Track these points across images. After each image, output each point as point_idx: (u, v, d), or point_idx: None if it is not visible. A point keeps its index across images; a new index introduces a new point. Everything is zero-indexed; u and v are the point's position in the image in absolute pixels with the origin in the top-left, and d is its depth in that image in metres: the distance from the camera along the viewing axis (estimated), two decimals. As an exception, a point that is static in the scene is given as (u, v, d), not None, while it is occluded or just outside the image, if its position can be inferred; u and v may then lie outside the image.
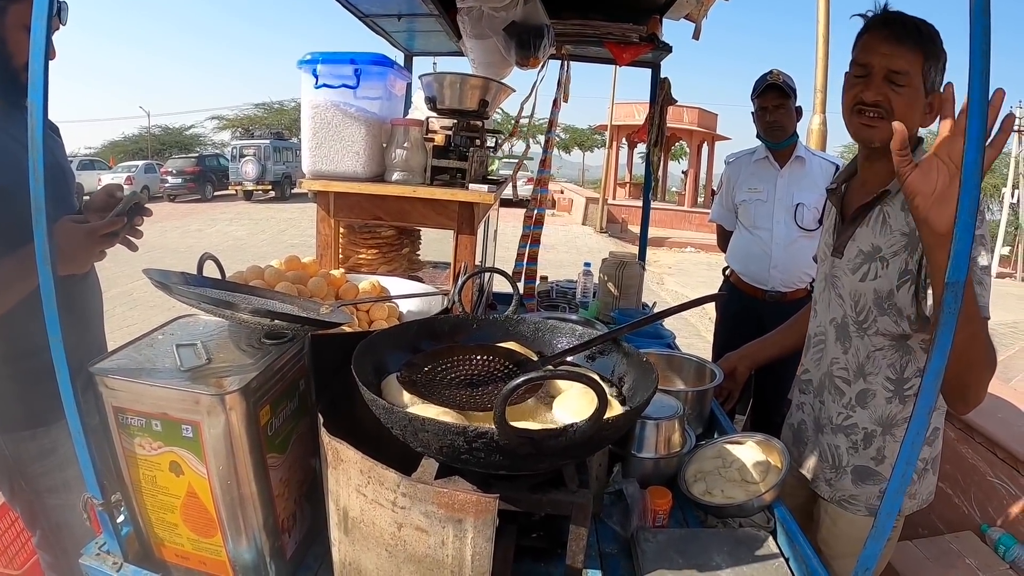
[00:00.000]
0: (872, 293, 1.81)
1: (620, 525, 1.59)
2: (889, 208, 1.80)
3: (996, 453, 3.27)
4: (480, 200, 2.27)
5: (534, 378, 0.94)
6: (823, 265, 2.04)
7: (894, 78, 1.70)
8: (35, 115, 1.12)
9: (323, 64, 2.26)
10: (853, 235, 1.88)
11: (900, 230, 1.76)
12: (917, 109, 1.72)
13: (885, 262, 1.78)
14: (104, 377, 1.19)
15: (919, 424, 1.05)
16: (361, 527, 1.10)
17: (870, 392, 1.89)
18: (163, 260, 12.27)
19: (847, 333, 1.91)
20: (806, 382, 2.12)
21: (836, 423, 1.97)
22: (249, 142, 30.02)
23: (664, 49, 3.52)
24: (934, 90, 1.73)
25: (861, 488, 1.96)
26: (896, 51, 1.69)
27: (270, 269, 1.87)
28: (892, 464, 1.79)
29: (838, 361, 1.95)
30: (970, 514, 3.35)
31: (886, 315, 1.80)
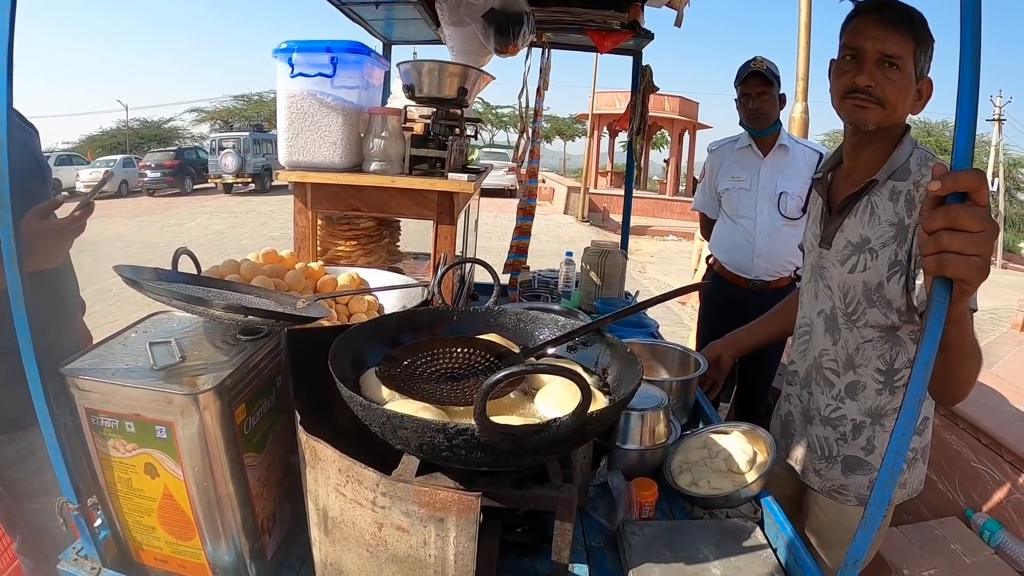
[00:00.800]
0: (861, 285, 1.79)
1: (606, 518, 1.58)
2: (877, 198, 1.78)
3: (980, 439, 3.29)
4: (460, 189, 2.23)
5: (514, 373, 0.91)
6: (810, 256, 2.01)
7: (888, 62, 1.67)
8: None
9: (299, 53, 2.21)
10: (841, 226, 1.86)
11: (888, 221, 1.73)
12: (908, 95, 1.71)
13: (874, 253, 1.76)
14: (75, 378, 1.16)
15: (909, 414, 1.03)
16: (341, 527, 1.08)
17: (860, 384, 1.88)
18: (142, 255, 12.19)
19: (836, 325, 1.89)
20: (792, 373, 2.11)
21: (824, 415, 1.96)
22: (228, 134, 29.85)
23: (646, 36, 3.50)
24: (923, 76, 1.71)
25: (851, 478, 1.95)
26: (889, 36, 1.66)
27: (246, 263, 1.84)
28: (882, 454, 1.78)
29: (827, 353, 1.93)
30: (955, 500, 3.37)
31: (875, 307, 1.78)
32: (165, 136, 45.47)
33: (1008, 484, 3.13)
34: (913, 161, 1.75)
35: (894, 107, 1.69)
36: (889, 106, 1.69)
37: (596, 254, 3.42)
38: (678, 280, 12.08)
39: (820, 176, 1.99)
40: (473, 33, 2.69)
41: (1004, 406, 3.58)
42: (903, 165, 1.75)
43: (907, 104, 1.72)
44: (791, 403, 2.11)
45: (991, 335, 9.15)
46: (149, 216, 19.87)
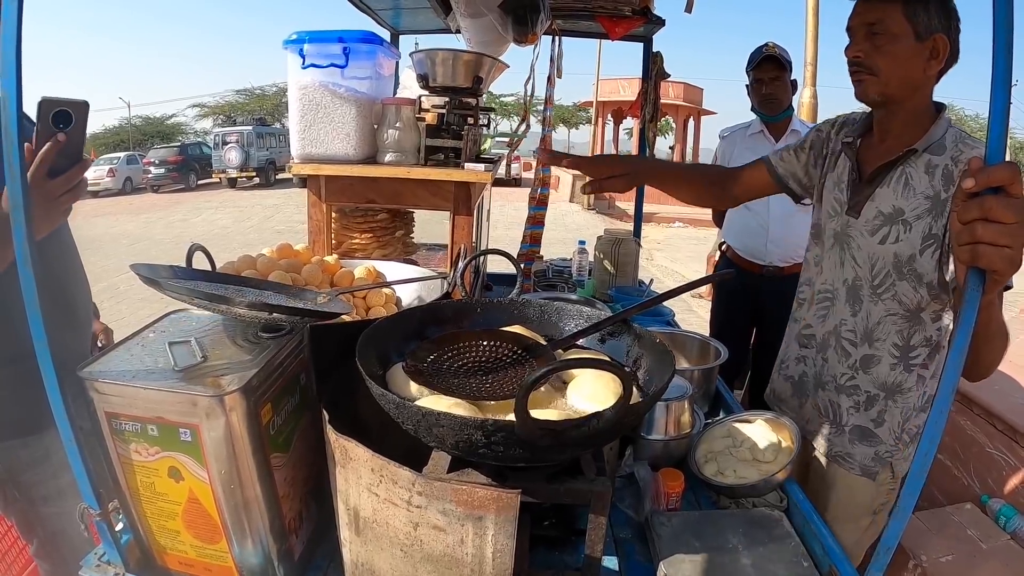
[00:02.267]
0: (892, 257, 1.78)
1: (633, 509, 1.57)
2: (912, 169, 1.76)
3: (995, 425, 3.28)
4: (476, 179, 2.21)
5: (557, 368, 0.89)
6: (832, 221, 1.97)
7: (872, 31, 1.70)
8: (8, 108, 1.06)
9: (310, 43, 2.19)
10: (872, 195, 1.83)
11: (924, 193, 1.72)
12: (910, 56, 1.69)
13: (908, 225, 1.74)
14: (94, 381, 1.13)
15: (943, 403, 1.02)
16: (374, 527, 1.05)
17: (875, 358, 1.88)
18: (148, 252, 12.18)
19: (858, 296, 1.88)
20: (808, 336, 2.08)
21: (840, 383, 1.96)
22: (231, 129, 29.87)
23: (657, 23, 3.47)
24: (932, 32, 1.67)
25: (857, 447, 1.95)
26: (868, 5, 1.71)
27: (262, 258, 1.82)
28: (891, 428, 1.86)
29: (846, 323, 1.92)
30: (970, 485, 3.36)
31: (905, 280, 1.77)
32: (168, 132, 45.58)
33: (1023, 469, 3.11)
34: (948, 138, 1.74)
35: (888, 74, 1.70)
36: (883, 74, 1.71)
37: (609, 242, 3.40)
38: (686, 267, 12.06)
39: (850, 140, 1.94)
40: (490, 24, 2.66)
41: (1018, 391, 3.56)
42: (939, 140, 1.74)
43: (910, 67, 1.70)
44: (806, 364, 2.10)
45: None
46: (154, 213, 19.89)
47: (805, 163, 2.11)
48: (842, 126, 2.04)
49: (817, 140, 2.09)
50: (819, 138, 2.09)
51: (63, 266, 2.03)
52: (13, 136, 1.06)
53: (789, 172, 2.16)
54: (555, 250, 4.91)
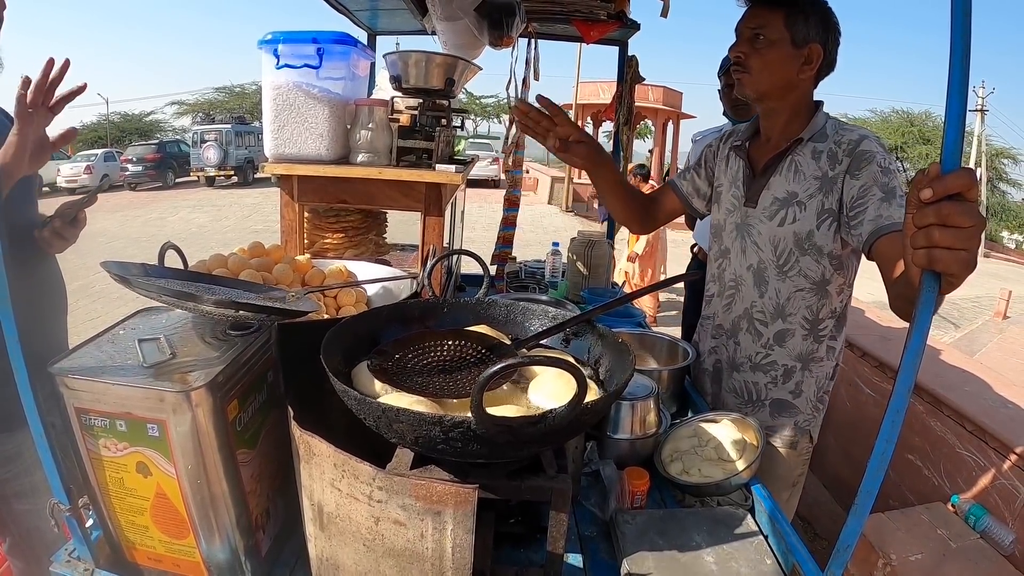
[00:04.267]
0: (792, 236, 1.94)
1: (598, 507, 1.58)
2: (800, 157, 1.93)
3: (964, 426, 3.33)
4: (448, 181, 2.23)
5: (511, 365, 0.91)
6: (732, 216, 2.12)
7: (754, 34, 1.87)
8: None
9: (284, 44, 2.20)
10: (767, 184, 1.99)
11: (813, 175, 1.90)
12: (785, 60, 1.86)
13: (802, 205, 1.91)
14: (64, 377, 1.14)
15: (899, 403, 1.03)
16: (337, 522, 1.07)
17: (789, 332, 2.02)
18: (125, 250, 12.08)
19: (763, 277, 2.02)
20: (716, 327, 2.23)
21: (755, 362, 2.09)
22: (210, 127, 29.59)
23: (632, 27, 3.50)
24: (809, 41, 1.85)
25: (778, 419, 2.09)
26: (754, 12, 1.89)
27: (233, 257, 1.83)
28: (808, 398, 2.01)
29: (756, 304, 2.06)
30: (940, 485, 3.41)
31: (807, 255, 1.93)
32: (146, 129, 45.02)
33: (992, 470, 3.17)
34: (829, 127, 1.93)
35: (759, 73, 1.89)
36: (755, 73, 1.89)
37: (583, 244, 3.42)
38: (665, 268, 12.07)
39: (740, 143, 2.12)
40: (466, 27, 2.68)
41: (988, 393, 3.63)
42: (821, 129, 1.92)
43: (784, 69, 1.87)
44: (718, 353, 2.22)
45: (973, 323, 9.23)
46: (131, 210, 19.71)
47: (705, 176, 2.29)
48: (728, 136, 2.24)
49: (709, 154, 2.28)
50: (710, 152, 2.28)
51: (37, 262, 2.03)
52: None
53: (692, 190, 2.33)
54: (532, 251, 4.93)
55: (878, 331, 4.65)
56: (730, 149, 2.18)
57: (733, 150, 2.16)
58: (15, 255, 1.12)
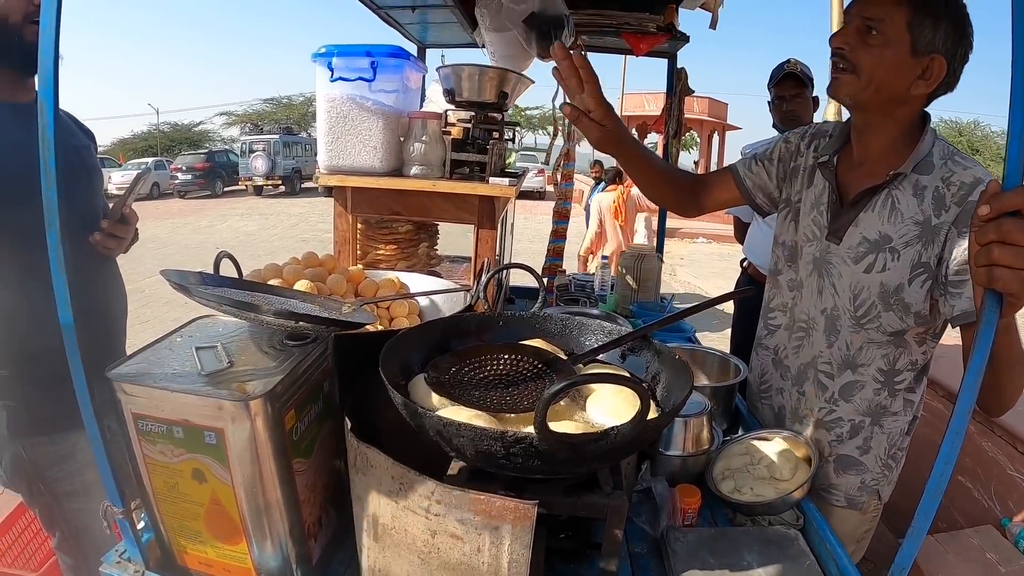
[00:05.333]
0: (878, 287, 1.68)
1: (649, 524, 1.56)
2: (899, 192, 1.65)
3: (1016, 447, 3.26)
4: (501, 194, 2.24)
5: (576, 382, 0.90)
6: (810, 246, 1.85)
7: (868, 26, 1.55)
8: (45, 114, 1.08)
9: (339, 57, 2.23)
10: (856, 220, 1.72)
11: (913, 218, 1.62)
12: (898, 68, 1.55)
13: (896, 253, 1.64)
14: (122, 383, 1.16)
15: (959, 424, 1.01)
16: (392, 534, 1.07)
17: (858, 384, 1.80)
18: (174, 256, 12.30)
19: (836, 327, 1.79)
20: (784, 367, 2.00)
21: (818, 417, 1.88)
22: (258, 137, 30.08)
23: (681, 39, 3.49)
24: (932, 52, 1.52)
25: (842, 478, 1.89)
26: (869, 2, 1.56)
27: (288, 267, 1.85)
28: (877, 455, 1.82)
29: (822, 355, 1.84)
30: (990, 508, 3.34)
31: (891, 311, 1.68)
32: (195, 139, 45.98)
33: (1044, 493, 3.08)
34: (936, 154, 1.64)
35: (870, 77, 1.57)
36: (864, 76, 1.57)
37: (632, 258, 3.40)
38: (708, 283, 12.00)
39: (825, 159, 1.81)
40: (514, 38, 2.69)
41: (1040, 414, 3.53)
42: (926, 158, 1.63)
43: (895, 79, 1.56)
44: (784, 397, 2.01)
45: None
46: (181, 218, 20.06)
47: (776, 176, 1.99)
48: (813, 139, 1.92)
49: (786, 152, 1.97)
50: (787, 150, 1.97)
51: (101, 270, 2.08)
52: (49, 142, 1.08)
53: (757, 185, 2.03)
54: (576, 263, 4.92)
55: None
56: (815, 162, 1.86)
57: (820, 167, 1.84)
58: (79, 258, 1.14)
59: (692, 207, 2.13)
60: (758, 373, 2.13)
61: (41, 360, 1.88)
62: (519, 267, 1.68)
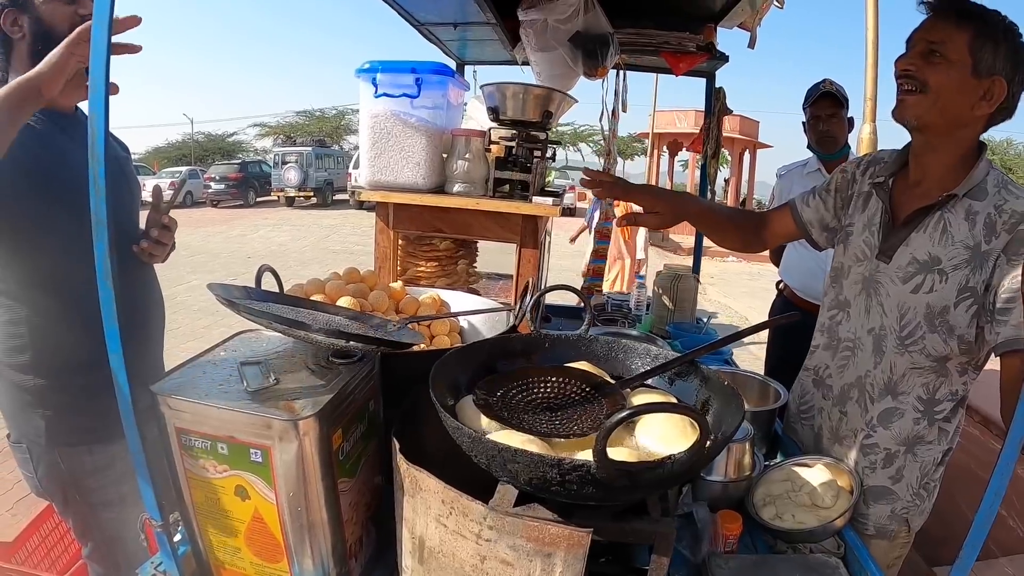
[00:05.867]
0: (924, 307, 1.69)
1: (690, 550, 1.54)
2: (951, 215, 1.67)
3: (1051, 475, 3.18)
4: (544, 213, 2.24)
5: (640, 411, 0.89)
6: (860, 265, 1.87)
7: (932, 49, 1.59)
8: (96, 126, 1.09)
9: (383, 73, 2.24)
10: (907, 240, 1.73)
11: (963, 242, 1.64)
12: (961, 88, 1.59)
13: (944, 275, 1.66)
14: (167, 397, 1.16)
15: (1010, 455, 1.02)
16: (439, 557, 1.06)
17: (897, 412, 1.80)
18: (206, 264, 12.41)
19: (882, 347, 1.79)
20: (827, 387, 1.99)
21: (858, 439, 1.87)
22: (291, 149, 30.45)
23: (720, 59, 3.48)
24: (993, 73, 1.57)
25: (873, 508, 1.87)
26: (936, 23, 1.61)
27: (331, 283, 1.85)
28: (909, 483, 1.81)
29: (869, 375, 1.83)
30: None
31: (936, 332, 1.68)
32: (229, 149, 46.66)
33: (1081, 522, 3.02)
34: (990, 182, 1.67)
35: (938, 94, 1.59)
36: (932, 92, 1.60)
37: (668, 278, 3.38)
38: (739, 302, 11.94)
39: (881, 180, 1.84)
40: (560, 58, 2.70)
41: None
42: (980, 184, 1.66)
43: (962, 100, 1.60)
44: (823, 417, 2.01)
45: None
46: (213, 227, 20.26)
47: (833, 207, 2.01)
48: (869, 165, 1.94)
49: (843, 182, 2.00)
50: (844, 180, 2.00)
51: (141, 280, 2.10)
52: (99, 153, 1.09)
53: (814, 218, 2.06)
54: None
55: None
56: (871, 185, 1.89)
57: (874, 187, 1.87)
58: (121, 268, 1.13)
59: (755, 244, 2.21)
60: (798, 394, 2.14)
61: (82, 370, 1.89)
62: (565, 288, 1.67)
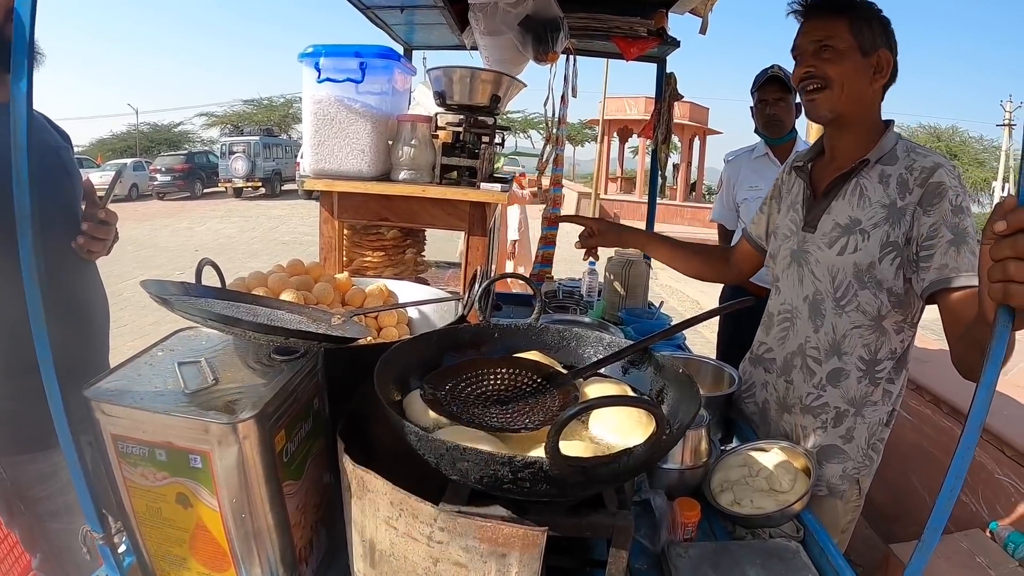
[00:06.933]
0: (852, 266, 1.82)
1: (648, 539, 1.52)
2: (866, 181, 1.82)
3: (1004, 451, 3.27)
4: (492, 199, 2.19)
5: (591, 406, 0.86)
6: (788, 242, 2.02)
7: (821, 46, 1.75)
8: (18, 116, 1.02)
9: (326, 57, 2.17)
10: (828, 208, 1.89)
11: (880, 202, 1.78)
12: (857, 71, 1.75)
13: (865, 234, 1.79)
14: (100, 402, 1.08)
15: (970, 439, 1.01)
16: (391, 560, 1.02)
17: (843, 372, 1.90)
18: (153, 259, 12.17)
19: (820, 311, 1.91)
20: (768, 360, 2.11)
21: (805, 403, 1.97)
22: (239, 139, 30.06)
23: (672, 44, 3.47)
24: (876, 48, 1.75)
25: (825, 467, 1.96)
26: (815, 24, 1.78)
27: (274, 275, 1.79)
28: (859, 444, 1.89)
29: (810, 340, 1.94)
30: (978, 512, 3.35)
31: (867, 288, 1.82)
32: (175, 140, 45.74)
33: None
34: (900, 149, 1.81)
35: (841, 84, 1.75)
36: (835, 84, 1.75)
37: (620, 263, 3.36)
38: (690, 285, 12.00)
39: (801, 164, 2.03)
40: (509, 42, 2.65)
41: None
42: (890, 151, 1.81)
43: (860, 80, 1.77)
44: (767, 391, 2.12)
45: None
46: (160, 220, 19.91)
47: (777, 212, 2.15)
48: (793, 163, 2.11)
49: (776, 189, 2.19)
50: (776, 187, 2.19)
51: (81, 278, 2.01)
52: (22, 143, 1.02)
53: (761, 232, 2.24)
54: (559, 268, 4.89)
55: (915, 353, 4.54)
56: (792, 170, 2.08)
57: (795, 171, 2.06)
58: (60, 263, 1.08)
59: (731, 271, 2.46)
60: (744, 373, 2.26)
61: (19, 375, 1.81)
62: (515, 277, 1.63)
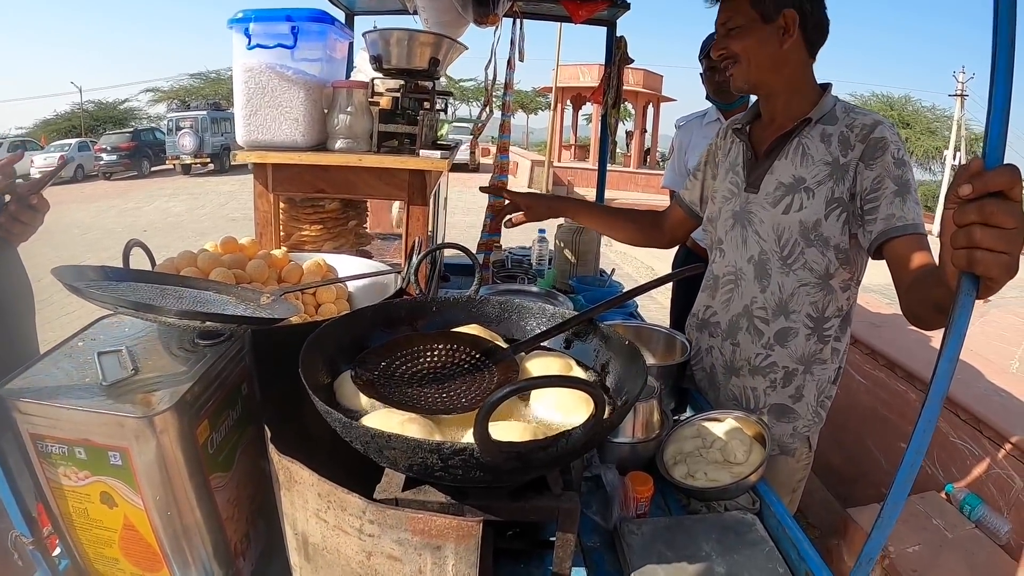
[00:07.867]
0: (798, 225, 1.83)
1: (601, 516, 1.49)
2: (808, 140, 1.83)
3: (958, 415, 3.34)
4: (432, 167, 2.12)
5: (518, 389, 0.80)
6: (728, 204, 2.03)
7: (728, 29, 1.84)
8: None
9: (256, 22, 2.07)
10: (771, 168, 1.90)
11: (823, 160, 1.79)
12: (761, 40, 1.80)
13: (810, 192, 1.80)
14: (16, 400, 1.02)
15: (932, 412, 1.00)
16: (325, 554, 0.96)
17: (792, 331, 1.91)
18: (100, 242, 11.90)
19: (766, 271, 1.91)
20: (713, 324, 2.11)
21: (754, 364, 1.98)
22: (185, 114, 29.47)
23: (621, 6, 3.43)
24: (780, 10, 1.77)
25: (775, 427, 1.98)
26: (722, 7, 1.87)
27: (204, 255, 1.70)
28: (808, 402, 1.90)
29: (757, 300, 1.95)
30: (934, 474, 3.43)
31: (813, 246, 1.82)
32: (121, 118, 44.65)
33: (987, 459, 3.17)
34: (839, 109, 1.83)
35: (747, 56, 1.82)
36: (743, 58, 1.83)
37: (570, 231, 3.32)
38: (645, 252, 12.03)
39: (740, 126, 2.03)
40: (449, 4, 2.58)
41: (980, 381, 3.63)
42: (830, 111, 1.83)
43: (768, 47, 1.80)
44: (713, 356, 2.12)
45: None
46: (106, 200, 19.49)
47: (710, 177, 2.18)
48: (728, 128, 2.14)
49: (710, 153, 2.20)
50: (711, 151, 2.19)
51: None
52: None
53: (696, 197, 2.25)
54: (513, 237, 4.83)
55: (868, 318, 4.61)
56: (731, 132, 2.09)
57: (733, 132, 2.06)
58: None
59: (660, 240, 2.46)
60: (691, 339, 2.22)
61: None
62: (452, 247, 1.57)
